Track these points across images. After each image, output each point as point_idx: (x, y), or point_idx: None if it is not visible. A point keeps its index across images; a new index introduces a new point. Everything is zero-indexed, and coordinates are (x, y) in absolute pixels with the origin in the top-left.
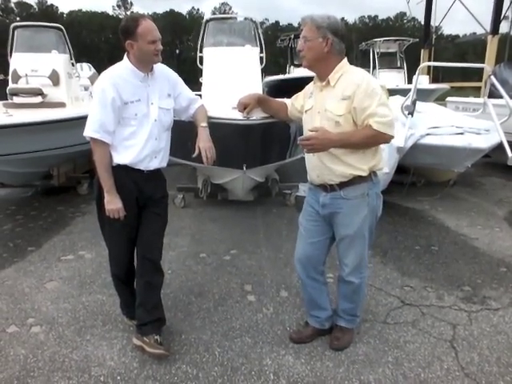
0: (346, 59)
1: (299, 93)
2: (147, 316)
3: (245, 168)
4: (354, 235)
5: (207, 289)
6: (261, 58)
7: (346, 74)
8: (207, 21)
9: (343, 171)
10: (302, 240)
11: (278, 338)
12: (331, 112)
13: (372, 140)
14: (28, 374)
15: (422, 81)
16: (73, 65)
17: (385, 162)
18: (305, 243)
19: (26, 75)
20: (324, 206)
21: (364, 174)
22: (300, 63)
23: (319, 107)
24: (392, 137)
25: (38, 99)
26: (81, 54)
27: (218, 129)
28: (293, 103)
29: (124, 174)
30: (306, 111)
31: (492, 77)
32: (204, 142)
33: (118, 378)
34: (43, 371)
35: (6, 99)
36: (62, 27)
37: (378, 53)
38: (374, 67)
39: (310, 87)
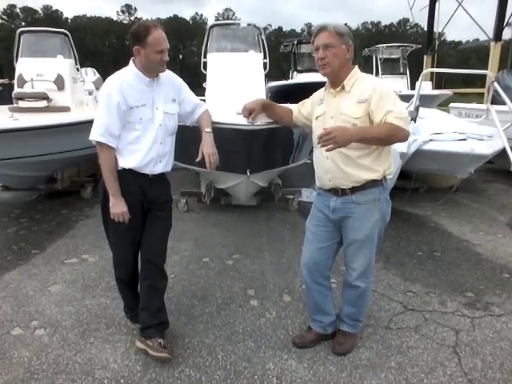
0: (357, 66)
1: (306, 99)
2: (151, 319)
3: (248, 173)
4: (363, 240)
5: (210, 293)
6: (264, 64)
7: (360, 80)
8: (211, 27)
9: (359, 176)
10: (309, 245)
11: (280, 343)
12: (347, 115)
13: (391, 134)
14: (32, 376)
15: (425, 87)
16: (77, 69)
17: None
18: (312, 248)
19: (32, 80)
20: (335, 211)
21: (378, 177)
22: (303, 69)
23: (333, 112)
24: (408, 134)
25: (43, 103)
26: (85, 58)
27: (222, 134)
28: (299, 109)
29: (129, 178)
30: (316, 118)
31: (495, 83)
32: (208, 148)
33: (122, 381)
34: (47, 374)
35: (12, 103)
36: (68, 32)
37: (380, 59)
38: (377, 73)
39: (319, 94)
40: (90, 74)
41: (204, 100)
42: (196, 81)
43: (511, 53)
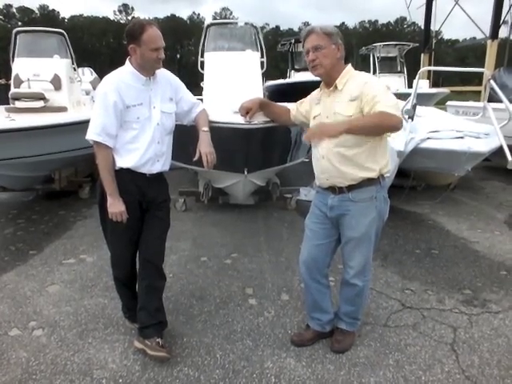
0: (350, 65)
1: (304, 98)
2: (149, 319)
3: (246, 172)
4: (360, 238)
5: (208, 292)
6: (261, 63)
7: (353, 78)
8: (208, 26)
9: (355, 174)
10: (307, 242)
11: (279, 341)
12: (341, 114)
13: (379, 121)
14: (30, 376)
15: (422, 85)
16: (74, 69)
17: None
18: (311, 245)
19: (28, 80)
20: (332, 208)
21: (374, 176)
22: (300, 68)
23: (327, 112)
24: (400, 120)
25: (40, 104)
26: (82, 58)
27: (220, 133)
28: (298, 108)
29: (127, 178)
30: (314, 117)
31: (491, 81)
32: (205, 147)
33: (120, 380)
34: (45, 374)
35: (8, 104)
36: (64, 32)
37: (378, 57)
38: (375, 72)
39: (316, 94)
40: (87, 73)
41: (201, 99)
42: (194, 80)
43: (508, 50)
